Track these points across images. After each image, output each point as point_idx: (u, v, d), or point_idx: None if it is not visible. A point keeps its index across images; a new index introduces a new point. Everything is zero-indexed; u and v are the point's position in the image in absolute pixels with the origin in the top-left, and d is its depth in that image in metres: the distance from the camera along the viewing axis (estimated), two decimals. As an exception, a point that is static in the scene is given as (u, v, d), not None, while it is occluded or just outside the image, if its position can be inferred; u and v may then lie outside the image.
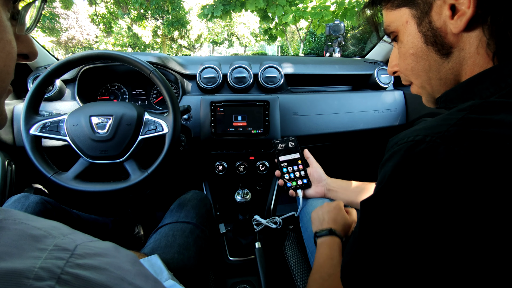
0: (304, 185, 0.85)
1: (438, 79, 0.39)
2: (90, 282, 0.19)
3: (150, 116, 0.80)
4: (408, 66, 0.42)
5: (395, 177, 0.31)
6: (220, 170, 1.07)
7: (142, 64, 0.76)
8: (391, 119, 1.17)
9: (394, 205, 0.31)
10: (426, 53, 0.39)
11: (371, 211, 0.34)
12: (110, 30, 11.42)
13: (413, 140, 0.31)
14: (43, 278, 0.17)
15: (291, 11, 5.65)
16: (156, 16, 9.93)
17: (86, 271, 0.19)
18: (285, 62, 1.17)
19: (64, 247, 0.20)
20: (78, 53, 0.75)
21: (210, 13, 6.07)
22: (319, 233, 0.65)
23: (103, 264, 0.21)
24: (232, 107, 1.00)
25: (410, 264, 0.30)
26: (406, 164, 0.31)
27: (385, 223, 0.32)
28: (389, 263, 0.31)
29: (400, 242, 0.30)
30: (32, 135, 0.74)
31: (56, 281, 0.18)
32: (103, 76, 1.13)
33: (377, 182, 0.35)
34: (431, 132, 0.30)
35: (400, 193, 0.30)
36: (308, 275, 0.77)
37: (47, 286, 0.17)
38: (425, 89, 0.44)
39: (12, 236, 0.19)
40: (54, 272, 0.18)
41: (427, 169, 0.29)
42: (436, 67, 0.39)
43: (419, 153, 0.30)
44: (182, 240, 0.73)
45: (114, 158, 0.77)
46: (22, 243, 0.19)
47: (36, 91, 0.75)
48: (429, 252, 0.29)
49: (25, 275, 0.17)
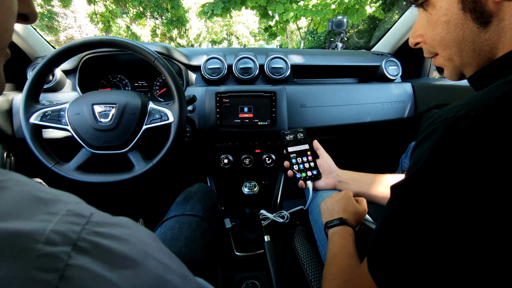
0: (314, 177, 0.82)
1: (472, 51, 0.36)
2: (112, 252, 0.16)
3: (155, 105, 0.77)
4: (437, 36, 0.39)
5: (434, 157, 0.29)
6: (226, 163, 1.04)
7: (146, 50, 0.74)
8: (399, 111, 1.15)
9: (433, 188, 0.28)
10: (461, 21, 0.35)
11: (406, 196, 0.31)
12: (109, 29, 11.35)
13: (454, 116, 0.28)
14: (56, 243, 0.14)
15: (292, 8, 5.62)
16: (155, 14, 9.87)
17: (106, 240, 0.16)
18: (292, 54, 1.14)
19: (78, 213, 0.17)
20: (79, 39, 0.72)
21: (210, 10, 6.02)
22: (330, 224, 0.63)
23: (124, 235, 0.18)
24: (238, 98, 0.97)
25: (449, 252, 0.27)
26: (447, 142, 0.28)
27: (423, 209, 0.29)
28: (426, 251, 0.29)
29: (440, 230, 0.28)
30: (32, 124, 0.71)
31: (72, 248, 0.15)
32: (105, 66, 1.10)
33: (410, 165, 0.32)
34: (475, 106, 0.28)
35: (441, 174, 0.28)
36: (319, 268, 0.74)
37: (61, 252, 0.14)
38: (452, 62, 0.40)
39: (16, 197, 0.16)
40: (70, 237, 0.15)
41: (472, 146, 0.26)
42: (471, 38, 0.36)
43: (463, 129, 0.27)
44: (188, 233, 0.70)
45: (117, 149, 0.74)
46: (28, 205, 0.16)
47: (36, 78, 0.71)
48: (473, 241, 0.26)
49: (33, 237, 0.14)
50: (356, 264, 0.49)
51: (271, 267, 0.75)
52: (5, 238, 0.14)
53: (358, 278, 0.39)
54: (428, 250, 0.29)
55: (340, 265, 0.50)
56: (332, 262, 0.52)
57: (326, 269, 0.52)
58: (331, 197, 0.71)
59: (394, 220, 0.32)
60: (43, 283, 0.13)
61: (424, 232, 0.29)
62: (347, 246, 0.55)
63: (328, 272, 0.51)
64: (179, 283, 0.20)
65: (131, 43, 0.73)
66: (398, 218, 0.32)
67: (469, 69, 0.39)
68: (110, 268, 0.15)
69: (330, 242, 0.59)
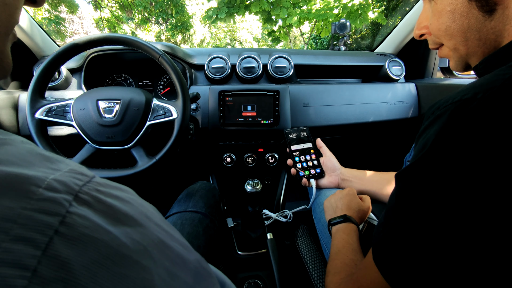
0: (317, 175, 0.81)
1: (477, 40, 0.36)
2: (114, 208, 0.16)
3: (159, 102, 0.78)
4: (442, 25, 0.39)
5: (441, 141, 0.28)
6: (228, 162, 1.04)
7: (151, 47, 0.74)
8: (403, 111, 1.14)
9: (439, 172, 0.28)
10: (466, 10, 0.35)
11: (411, 183, 0.31)
12: (114, 34, 11.49)
13: (460, 99, 0.28)
14: (58, 190, 0.14)
15: (295, 13, 5.67)
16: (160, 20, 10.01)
17: (108, 198, 0.16)
18: (295, 54, 1.14)
19: (81, 172, 0.17)
20: (85, 36, 0.73)
21: (214, 15, 6.10)
22: (333, 221, 0.62)
23: (126, 198, 0.18)
24: (241, 97, 0.97)
25: (455, 239, 0.27)
26: (454, 125, 0.27)
27: (429, 194, 0.28)
28: (432, 238, 0.28)
29: (447, 216, 0.27)
30: (38, 119, 0.72)
31: (73, 198, 0.14)
32: (110, 65, 1.11)
33: (415, 152, 0.32)
34: (482, 89, 0.27)
35: (447, 158, 0.27)
36: (322, 267, 0.73)
37: (62, 199, 0.14)
38: (457, 52, 0.40)
39: (18, 151, 0.16)
40: (72, 187, 0.15)
41: (480, 128, 0.26)
42: (476, 26, 0.35)
43: (470, 111, 0.27)
44: (191, 229, 0.69)
45: (121, 144, 0.75)
46: (30, 159, 0.16)
47: (42, 74, 0.72)
48: (480, 227, 0.26)
49: (34, 182, 0.14)
50: (360, 259, 0.49)
51: (274, 265, 0.74)
52: (5, 178, 0.14)
53: (363, 270, 0.38)
54: (434, 237, 0.28)
55: (344, 260, 0.49)
56: (336, 258, 0.51)
57: (330, 264, 0.51)
58: (335, 194, 0.70)
59: (400, 208, 0.32)
60: (43, 224, 0.13)
61: (430, 219, 0.28)
62: (351, 242, 0.54)
63: (332, 267, 0.50)
64: (181, 251, 0.20)
65: (136, 40, 0.74)
66: (403, 205, 0.31)
67: (474, 58, 0.39)
68: (111, 222, 0.15)
69: (334, 239, 0.58)
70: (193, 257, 0.21)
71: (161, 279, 0.16)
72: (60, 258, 0.13)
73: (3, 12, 0.22)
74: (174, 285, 0.17)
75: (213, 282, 0.22)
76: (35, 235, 0.12)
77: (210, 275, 0.22)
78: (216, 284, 0.22)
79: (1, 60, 0.25)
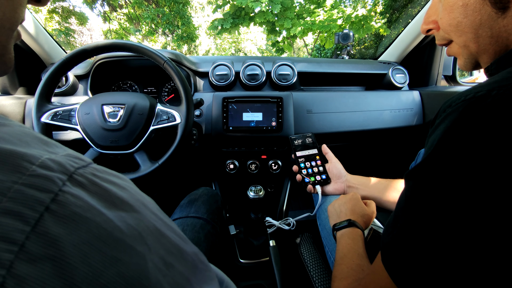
0: (323, 181, 0.80)
1: (489, 37, 0.35)
2: (109, 192, 0.15)
3: (163, 107, 0.78)
4: (453, 21, 0.37)
5: (452, 137, 0.27)
6: (231, 169, 1.03)
7: (156, 53, 0.75)
8: (407, 119, 1.13)
9: (449, 170, 0.27)
10: (479, 5, 0.34)
11: (420, 181, 0.30)
12: (122, 45, 11.77)
13: (474, 97, 0.27)
14: (52, 169, 0.14)
15: (299, 24, 5.77)
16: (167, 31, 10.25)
17: (104, 182, 0.16)
18: (299, 61, 1.15)
19: (79, 157, 0.17)
20: (92, 43, 0.74)
21: (220, 25, 6.23)
22: (338, 226, 0.61)
23: (123, 184, 0.17)
24: (245, 103, 0.98)
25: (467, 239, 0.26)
26: (467, 122, 0.27)
27: (440, 192, 0.28)
28: (442, 238, 0.27)
29: (457, 215, 0.26)
30: (43, 123, 0.73)
31: (68, 178, 0.14)
32: (116, 72, 1.13)
33: (426, 150, 0.31)
34: (497, 86, 0.27)
35: (459, 155, 0.26)
36: (326, 275, 0.71)
37: (55, 177, 0.14)
38: (467, 49, 0.38)
39: (16, 131, 0.16)
40: (67, 168, 0.15)
41: (494, 125, 0.25)
42: (488, 23, 0.34)
43: (484, 108, 0.26)
44: (192, 234, 0.68)
45: (124, 149, 0.75)
46: (27, 140, 0.16)
47: (50, 79, 0.73)
48: (492, 226, 0.25)
49: (28, 159, 0.14)
50: (366, 264, 0.47)
51: (277, 273, 0.72)
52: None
53: (371, 275, 0.37)
54: (445, 237, 0.27)
55: (351, 265, 0.47)
56: (342, 263, 0.50)
57: (335, 270, 0.50)
58: (339, 199, 0.69)
59: (409, 208, 0.31)
60: (34, 200, 0.12)
61: (441, 218, 0.27)
62: (356, 247, 0.52)
63: (338, 272, 0.48)
64: (178, 242, 0.19)
65: (142, 47, 0.75)
66: (412, 205, 0.31)
67: (485, 56, 0.37)
68: (106, 205, 0.15)
69: (339, 244, 0.56)
70: (190, 250, 0.21)
71: (155, 267, 0.16)
72: (50, 235, 0.12)
73: (7, 7, 0.23)
74: (169, 274, 0.16)
75: (211, 277, 0.21)
76: (25, 210, 0.12)
77: (207, 269, 0.21)
78: (214, 279, 0.22)
79: (3, 55, 0.25)
